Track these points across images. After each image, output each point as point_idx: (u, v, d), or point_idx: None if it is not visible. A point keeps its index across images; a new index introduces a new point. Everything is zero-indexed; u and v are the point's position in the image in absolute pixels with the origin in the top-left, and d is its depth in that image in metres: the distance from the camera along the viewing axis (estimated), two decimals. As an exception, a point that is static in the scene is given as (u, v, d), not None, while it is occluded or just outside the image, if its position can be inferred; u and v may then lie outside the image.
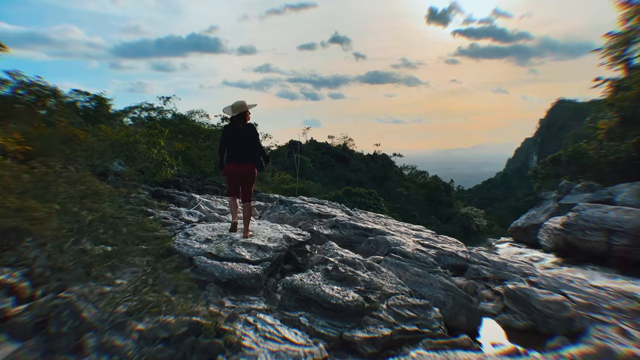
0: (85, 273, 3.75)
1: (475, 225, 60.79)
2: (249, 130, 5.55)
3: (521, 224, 13.17)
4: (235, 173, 5.67)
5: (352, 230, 7.23)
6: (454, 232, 53.28)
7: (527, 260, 10.23)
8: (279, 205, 10.79)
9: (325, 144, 73.83)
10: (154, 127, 22.00)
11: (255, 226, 5.71)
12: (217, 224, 5.76)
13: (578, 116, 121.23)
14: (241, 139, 5.51)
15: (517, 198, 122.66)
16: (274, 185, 38.37)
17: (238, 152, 5.55)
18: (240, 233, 5.19)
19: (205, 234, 5.03)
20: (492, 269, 5.23)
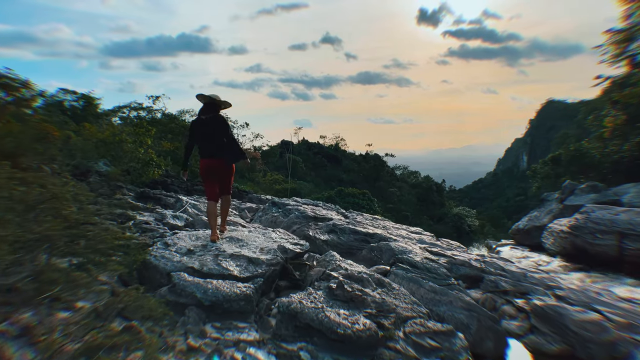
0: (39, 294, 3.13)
1: (467, 226, 60.63)
2: (221, 121, 5.15)
3: (523, 225, 12.66)
4: (212, 168, 5.20)
5: (351, 235, 6.64)
6: (446, 233, 53.13)
7: (534, 264, 9.72)
8: (271, 207, 10.18)
9: (317, 144, 73.25)
10: (141, 126, 21.29)
11: (246, 234, 5.08)
12: (202, 232, 5.09)
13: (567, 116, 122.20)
14: (215, 130, 5.07)
15: (508, 198, 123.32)
16: (266, 186, 37.73)
17: (213, 145, 5.09)
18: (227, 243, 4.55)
19: (187, 244, 4.37)
20: (511, 281, 4.66)
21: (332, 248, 6.41)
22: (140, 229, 5.97)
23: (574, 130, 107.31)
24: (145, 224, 6.58)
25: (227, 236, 4.73)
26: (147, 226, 6.27)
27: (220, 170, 5.23)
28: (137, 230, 5.93)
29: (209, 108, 5.17)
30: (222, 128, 5.09)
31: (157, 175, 19.41)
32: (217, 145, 5.09)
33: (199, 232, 4.94)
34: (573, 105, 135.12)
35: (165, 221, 8.18)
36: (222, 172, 5.27)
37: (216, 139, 5.08)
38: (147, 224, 6.55)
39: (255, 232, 5.56)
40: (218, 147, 5.10)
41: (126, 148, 19.31)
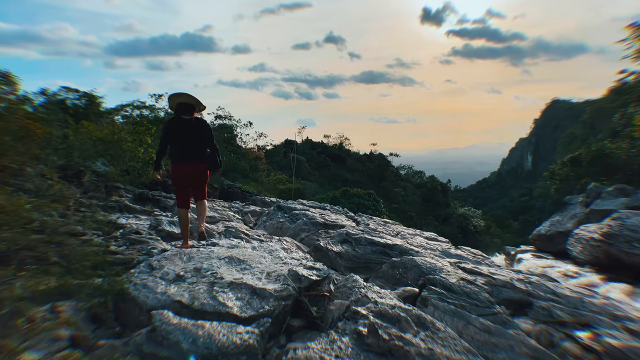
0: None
1: (473, 226, 59.91)
2: (201, 123, 4.79)
3: (545, 231, 11.85)
4: (185, 174, 4.86)
5: (368, 247, 5.86)
6: (452, 233, 52.43)
7: (563, 274, 8.93)
8: (276, 211, 9.42)
9: (321, 143, 72.59)
10: (141, 124, 20.59)
11: (249, 252, 4.30)
12: (196, 249, 4.31)
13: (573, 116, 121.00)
14: (191, 133, 4.69)
15: (512, 198, 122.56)
16: (270, 186, 37.05)
17: (187, 148, 4.72)
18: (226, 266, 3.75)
19: (176, 267, 3.56)
20: (567, 308, 3.89)
21: (346, 262, 5.64)
22: (128, 241, 5.21)
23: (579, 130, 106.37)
24: (136, 233, 5.83)
25: (227, 256, 3.95)
26: (137, 237, 5.51)
27: (194, 176, 4.88)
28: (124, 242, 5.17)
29: (187, 108, 4.78)
30: (204, 132, 4.73)
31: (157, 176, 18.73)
32: (196, 149, 4.74)
33: (192, 251, 4.16)
34: (578, 105, 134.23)
35: (160, 228, 7.45)
36: (197, 179, 4.92)
37: (195, 143, 4.72)
38: (138, 234, 5.80)
39: (260, 249, 4.76)
40: (196, 151, 4.74)
41: (125, 147, 18.61)
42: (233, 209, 11.98)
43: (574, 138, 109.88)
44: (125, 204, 12.67)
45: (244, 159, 38.14)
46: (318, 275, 3.59)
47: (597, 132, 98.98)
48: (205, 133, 4.80)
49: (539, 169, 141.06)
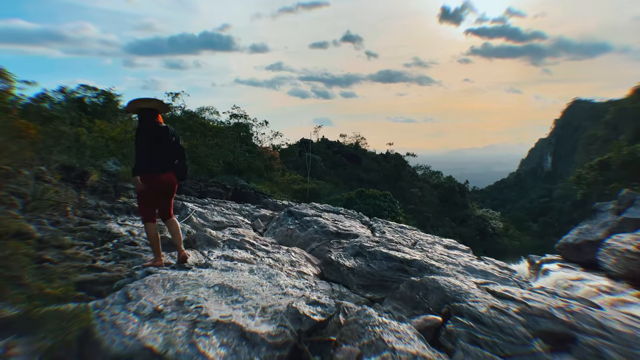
0: None
1: (491, 228, 58.77)
2: (170, 131, 4.53)
3: (572, 240, 11.14)
4: (155, 184, 4.46)
5: (384, 262, 5.32)
6: (469, 235, 51.40)
7: (596, 290, 8.26)
8: (286, 217, 8.93)
9: (337, 142, 71.94)
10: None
11: (245, 277, 3.74)
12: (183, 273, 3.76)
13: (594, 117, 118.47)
14: (162, 140, 4.41)
15: (532, 199, 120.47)
16: (284, 186, 36.60)
17: (159, 157, 4.40)
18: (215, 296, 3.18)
19: (156, 298, 2.99)
20: (619, 346, 3.31)
21: (360, 279, 5.12)
22: (118, 254, 4.76)
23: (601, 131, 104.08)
24: (131, 244, 5.39)
25: (218, 283, 3.44)
26: (130, 249, 5.06)
27: (165, 186, 4.55)
28: (115, 255, 4.72)
29: (153, 115, 4.46)
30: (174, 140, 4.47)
31: (169, 176, 18.40)
32: (166, 158, 4.46)
33: (178, 275, 3.63)
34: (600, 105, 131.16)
35: (162, 234, 7.01)
36: (168, 190, 4.62)
37: (166, 151, 4.44)
38: (133, 245, 5.35)
39: (258, 273, 4.19)
40: (167, 159, 4.47)
41: (138, 146, 18.35)
42: (244, 212, 11.54)
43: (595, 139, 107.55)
44: (133, 205, 12.33)
45: (259, 158, 37.79)
46: (323, 314, 3.01)
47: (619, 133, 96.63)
48: (176, 141, 4.58)
49: (558, 170, 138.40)
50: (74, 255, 4.29)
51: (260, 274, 4.12)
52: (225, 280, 3.50)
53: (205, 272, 3.85)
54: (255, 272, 4.16)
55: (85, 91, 29.95)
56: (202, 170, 30.04)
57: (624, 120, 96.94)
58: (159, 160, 4.38)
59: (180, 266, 4.25)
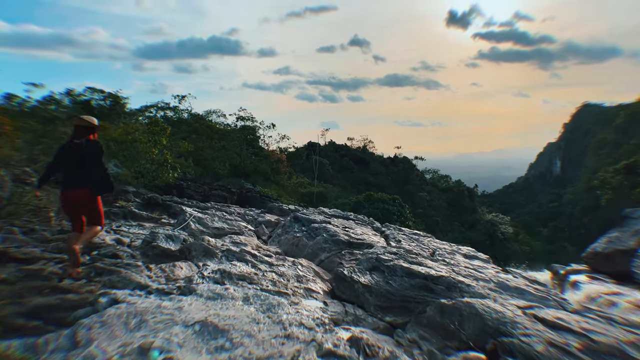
0: None
1: (501, 233, 57.81)
2: (93, 147, 4.43)
3: (601, 249, 10.28)
4: (70, 202, 4.44)
5: (405, 279, 4.57)
6: (479, 240, 50.46)
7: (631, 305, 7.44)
8: (293, 224, 8.21)
9: (344, 146, 71.27)
10: (156, 124, 19.73)
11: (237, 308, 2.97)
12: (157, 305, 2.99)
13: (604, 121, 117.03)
14: (81, 157, 4.35)
15: (541, 204, 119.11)
16: (291, 189, 35.93)
17: (74, 174, 4.36)
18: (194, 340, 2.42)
19: (111, 345, 2.14)
20: None
21: (377, 299, 4.39)
22: (93, 270, 4.04)
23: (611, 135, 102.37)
24: (112, 256, 4.68)
25: (199, 320, 2.65)
26: (110, 262, 4.34)
27: (80, 203, 4.44)
28: (89, 271, 4.01)
29: (82, 131, 4.45)
30: (94, 157, 4.37)
31: (172, 179, 17.75)
32: (82, 175, 4.36)
33: (148, 308, 2.88)
34: (610, 109, 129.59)
35: (154, 243, 6.32)
36: (84, 206, 4.47)
37: (82, 168, 4.35)
38: (115, 257, 4.65)
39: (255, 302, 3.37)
40: (82, 176, 4.36)
41: (140, 148, 17.73)
42: (247, 217, 10.86)
43: (605, 143, 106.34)
44: (130, 210, 11.67)
45: (266, 162, 37.17)
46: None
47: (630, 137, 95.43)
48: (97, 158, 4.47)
49: (568, 174, 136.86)
50: (38, 272, 3.60)
51: (257, 303, 3.34)
52: (211, 315, 2.75)
53: (185, 302, 3.09)
54: (251, 301, 3.38)
55: (92, 94, 29.66)
56: (207, 173, 29.48)
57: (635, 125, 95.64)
58: (71, 177, 4.36)
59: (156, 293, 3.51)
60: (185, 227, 7.83)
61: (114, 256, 4.73)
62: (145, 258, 5.87)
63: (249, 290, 3.60)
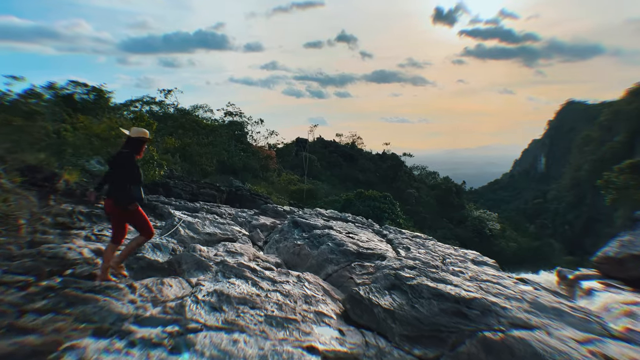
0: None
1: (489, 230, 57.97)
2: (123, 158, 4.50)
3: (614, 253, 9.79)
4: (106, 210, 4.76)
5: (434, 302, 3.93)
6: (467, 237, 50.38)
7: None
8: (292, 229, 7.55)
9: (333, 142, 70.67)
10: (141, 119, 18.83)
11: None
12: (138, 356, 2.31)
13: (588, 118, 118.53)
14: (114, 168, 4.61)
15: (526, 200, 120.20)
16: (281, 187, 35.18)
17: (109, 183, 4.56)
18: None
19: None
20: None
21: (403, 327, 3.76)
22: (63, 299, 3.30)
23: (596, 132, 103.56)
24: (88, 277, 3.96)
25: None
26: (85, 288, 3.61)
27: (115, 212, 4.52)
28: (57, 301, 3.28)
29: (125, 142, 4.69)
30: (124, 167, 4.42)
31: (158, 176, 16.93)
32: (114, 185, 4.45)
33: None
34: (594, 106, 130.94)
35: (140, 254, 5.63)
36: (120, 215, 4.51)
37: (116, 178, 4.47)
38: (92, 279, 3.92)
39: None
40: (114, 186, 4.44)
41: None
42: (240, 219, 10.16)
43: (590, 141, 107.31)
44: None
45: (254, 158, 36.35)
46: None
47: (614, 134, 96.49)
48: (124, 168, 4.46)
49: (552, 171, 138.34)
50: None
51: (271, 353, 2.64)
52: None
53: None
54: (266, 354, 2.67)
55: (75, 87, 28.63)
56: (195, 169, 28.63)
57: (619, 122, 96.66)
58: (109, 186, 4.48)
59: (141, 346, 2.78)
60: (174, 233, 7.12)
61: (91, 276, 4.01)
62: (129, 272, 5.18)
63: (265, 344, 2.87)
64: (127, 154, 4.46)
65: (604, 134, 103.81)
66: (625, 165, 16.26)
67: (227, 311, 3.69)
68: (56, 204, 9.72)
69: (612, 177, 17.08)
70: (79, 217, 9.96)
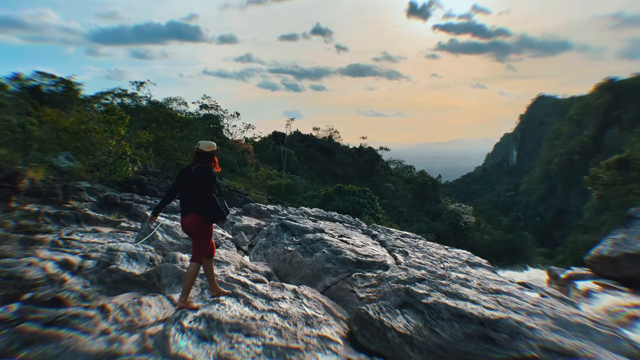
0: None
1: (464, 223, 58.75)
2: (200, 172, 4.31)
3: (607, 252, 9.56)
4: (184, 229, 4.39)
5: (455, 325, 3.45)
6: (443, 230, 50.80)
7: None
8: (280, 232, 7.00)
9: (310, 136, 70.06)
10: (113, 112, 17.84)
11: None
12: None
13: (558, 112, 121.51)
14: (189, 183, 4.32)
15: (499, 193, 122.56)
16: (259, 182, 34.44)
17: (184, 200, 4.33)
18: None
19: None
20: None
21: (423, 354, 3.29)
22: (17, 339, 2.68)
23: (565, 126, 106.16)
24: (52, 303, 3.32)
25: None
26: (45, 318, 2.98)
27: (188, 230, 4.28)
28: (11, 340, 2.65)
29: (196, 156, 4.47)
30: (201, 181, 4.29)
31: (132, 173, 16.06)
32: (189, 201, 4.28)
33: None
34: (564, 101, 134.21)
35: (113, 266, 5.01)
36: (191, 233, 4.27)
37: (191, 193, 4.30)
38: (56, 305, 3.28)
39: None
40: (190, 202, 4.27)
41: (94, 139, 15.93)
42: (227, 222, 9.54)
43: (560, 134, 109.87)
44: (84, 212, 10.13)
45: (231, 152, 35.48)
46: None
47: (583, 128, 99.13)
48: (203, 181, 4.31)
49: (524, 164, 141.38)
50: None
51: None
52: None
53: None
54: None
55: (42, 79, 27.38)
56: (169, 164, 27.63)
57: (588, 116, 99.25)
58: (182, 203, 4.36)
59: None
60: (152, 239, 6.48)
61: (55, 302, 3.37)
62: (101, 287, 4.56)
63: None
64: (205, 168, 4.32)
65: (573, 128, 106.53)
66: (612, 161, 16.22)
67: (218, 341, 3.14)
68: (19, 206, 8.93)
69: (598, 173, 17.04)
70: (45, 219, 9.16)
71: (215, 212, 4.20)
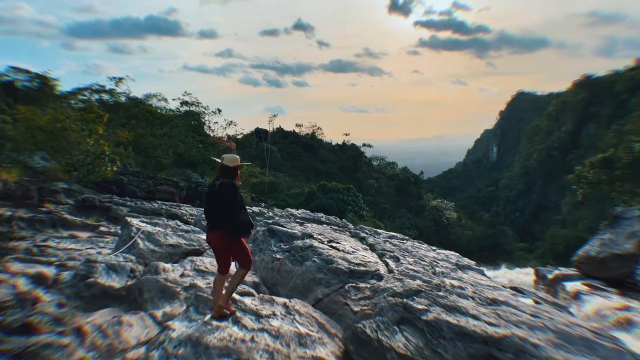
0: None
1: (446, 219, 59.25)
2: (224, 188, 4.24)
3: (595, 252, 9.58)
4: (209, 244, 4.41)
5: (458, 344, 3.25)
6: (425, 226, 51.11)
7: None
8: (267, 238, 6.74)
9: (292, 132, 69.69)
10: (90, 110, 17.29)
11: None
12: None
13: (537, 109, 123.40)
14: (214, 199, 4.28)
15: (479, 189, 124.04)
16: (242, 179, 33.92)
17: (209, 215, 4.31)
18: None
19: None
20: None
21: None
22: None
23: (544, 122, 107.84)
24: (21, 330, 3.03)
25: None
26: (15, 348, 2.70)
27: (214, 246, 4.33)
28: None
29: (220, 171, 4.43)
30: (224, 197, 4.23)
31: (110, 173, 15.58)
32: (214, 217, 4.29)
33: None
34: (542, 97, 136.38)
35: (91, 279, 4.71)
36: (217, 249, 4.31)
37: (215, 210, 4.29)
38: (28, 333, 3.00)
39: None
40: (215, 219, 4.28)
41: (71, 138, 15.38)
42: (204, 222, 9.24)
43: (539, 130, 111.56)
44: (61, 216, 9.72)
45: (213, 150, 34.95)
46: None
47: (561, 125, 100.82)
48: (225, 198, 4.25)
49: (504, 160, 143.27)
50: None
51: None
52: None
53: None
54: None
55: (16, 74, 26.57)
56: (150, 163, 27.04)
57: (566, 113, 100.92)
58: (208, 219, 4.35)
59: None
60: (132, 247, 6.17)
61: (26, 329, 3.07)
62: (78, 302, 4.27)
63: None
64: (229, 184, 4.26)
65: (551, 124, 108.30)
66: (597, 160, 16.30)
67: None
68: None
69: (583, 172, 17.13)
70: (19, 224, 8.74)
71: (239, 228, 4.17)
